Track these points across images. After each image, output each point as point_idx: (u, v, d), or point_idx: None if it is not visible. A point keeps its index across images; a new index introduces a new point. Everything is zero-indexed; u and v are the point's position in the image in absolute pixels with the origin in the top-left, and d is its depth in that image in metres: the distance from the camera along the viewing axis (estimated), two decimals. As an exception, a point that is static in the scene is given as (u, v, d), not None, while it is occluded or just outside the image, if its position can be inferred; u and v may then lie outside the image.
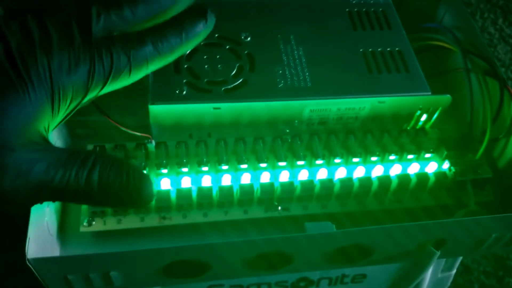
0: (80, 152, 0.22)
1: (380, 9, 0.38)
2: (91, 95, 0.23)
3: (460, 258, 0.39)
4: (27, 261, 0.25)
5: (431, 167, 0.34)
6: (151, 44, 0.23)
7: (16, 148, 0.20)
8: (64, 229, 0.32)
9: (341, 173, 0.33)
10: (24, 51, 0.21)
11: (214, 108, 0.31)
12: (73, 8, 0.22)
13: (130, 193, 0.23)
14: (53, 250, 0.30)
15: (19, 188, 0.20)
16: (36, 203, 0.22)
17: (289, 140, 0.33)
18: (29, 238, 0.25)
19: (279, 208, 0.32)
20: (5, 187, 0.20)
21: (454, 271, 0.39)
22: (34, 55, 0.21)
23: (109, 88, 0.23)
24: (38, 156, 0.21)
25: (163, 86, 0.31)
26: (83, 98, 0.23)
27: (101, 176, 0.22)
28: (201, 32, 0.25)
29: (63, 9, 0.22)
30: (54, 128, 0.23)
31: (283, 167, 0.32)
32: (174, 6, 0.24)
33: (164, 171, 0.31)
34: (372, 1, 0.38)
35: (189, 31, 0.24)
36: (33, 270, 0.25)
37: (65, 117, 0.23)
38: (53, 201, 0.22)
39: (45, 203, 0.29)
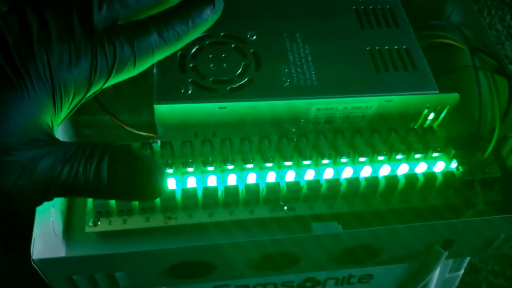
0: (88, 145, 0.21)
1: (387, 7, 0.37)
2: (94, 89, 0.22)
3: (468, 258, 0.39)
4: (32, 262, 0.25)
5: (439, 167, 0.33)
6: (156, 33, 0.22)
7: (18, 147, 0.20)
8: (70, 229, 0.32)
9: (347, 172, 0.32)
10: (22, 46, 0.20)
11: (220, 108, 0.31)
12: None
13: (139, 184, 0.22)
14: (59, 250, 0.30)
15: (23, 187, 0.20)
16: (44, 200, 0.21)
17: (295, 140, 0.33)
18: (34, 239, 0.25)
19: (285, 208, 0.32)
20: (8, 186, 0.20)
21: (462, 271, 0.39)
22: (32, 50, 0.20)
23: (113, 80, 0.22)
24: (42, 153, 0.20)
25: (168, 85, 0.30)
26: (86, 93, 0.22)
27: (110, 168, 0.21)
28: (209, 18, 0.24)
29: None
30: (59, 124, 0.22)
31: (289, 167, 0.32)
32: None
33: (170, 170, 0.31)
34: (379, -1, 0.38)
35: (196, 18, 0.23)
36: (38, 270, 0.25)
37: (70, 112, 0.22)
38: (63, 196, 0.22)
39: (51, 203, 0.29)
